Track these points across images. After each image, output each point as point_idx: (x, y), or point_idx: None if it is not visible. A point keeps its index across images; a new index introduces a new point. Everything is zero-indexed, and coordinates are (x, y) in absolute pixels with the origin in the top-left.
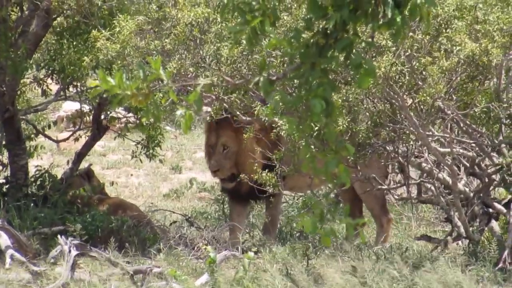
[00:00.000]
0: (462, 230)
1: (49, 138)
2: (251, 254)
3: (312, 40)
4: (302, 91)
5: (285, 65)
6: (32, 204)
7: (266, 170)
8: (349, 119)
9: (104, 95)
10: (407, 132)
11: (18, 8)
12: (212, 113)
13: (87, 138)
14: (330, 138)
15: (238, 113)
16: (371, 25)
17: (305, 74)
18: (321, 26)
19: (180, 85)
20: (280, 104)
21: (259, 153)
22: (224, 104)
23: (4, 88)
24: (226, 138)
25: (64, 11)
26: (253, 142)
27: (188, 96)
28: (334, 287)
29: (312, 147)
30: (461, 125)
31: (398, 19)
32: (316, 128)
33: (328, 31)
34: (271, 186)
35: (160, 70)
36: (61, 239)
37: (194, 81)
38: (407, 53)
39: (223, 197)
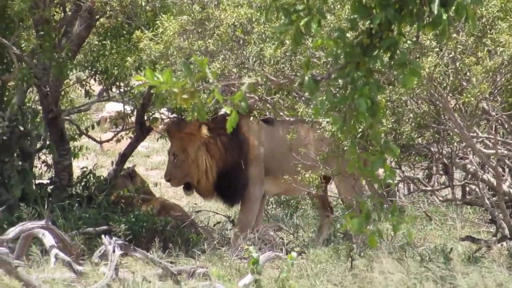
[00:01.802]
0: (506, 231)
1: (93, 139)
2: (294, 254)
3: (356, 40)
4: (347, 91)
5: (329, 66)
6: (76, 205)
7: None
8: (393, 120)
9: (152, 91)
10: (451, 133)
11: (61, 8)
12: (256, 113)
13: (129, 139)
14: (375, 139)
15: (281, 113)
16: (416, 25)
17: (350, 74)
18: (365, 25)
19: (225, 83)
20: (326, 104)
21: (210, 160)
22: (268, 105)
23: (48, 89)
24: (175, 147)
25: (107, 12)
26: (199, 150)
27: (233, 96)
28: (377, 287)
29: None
30: (506, 126)
31: (444, 17)
32: (360, 129)
33: (373, 31)
34: (314, 187)
35: (206, 69)
36: (105, 239)
37: (238, 80)
38: (451, 55)
39: (267, 198)
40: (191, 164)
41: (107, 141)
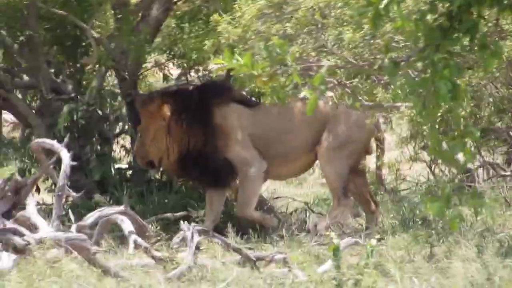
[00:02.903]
0: None
1: None
2: (373, 241)
3: (436, 23)
4: (427, 74)
5: (407, 49)
6: (155, 190)
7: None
8: (472, 104)
9: (231, 73)
10: None
11: None
12: (334, 98)
13: None
14: (455, 122)
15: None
16: (495, 8)
17: (430, 56)
18: (445, 8)
19: (304, 66)
20: (405, 87)
21: (170, 141)
22: (347, 89)
23: (126, 73)
24: (141, 125)
25: None
26: (159, 130)
27: (312, 79)
28: (457, 275)
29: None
30: None
31: None
32: (440, 113)
33: (453, 13)
34: None
35: (286, 52)
36: (183, 224)
37: (317, 63)
38: None
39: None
40: (151, 143)
41: None
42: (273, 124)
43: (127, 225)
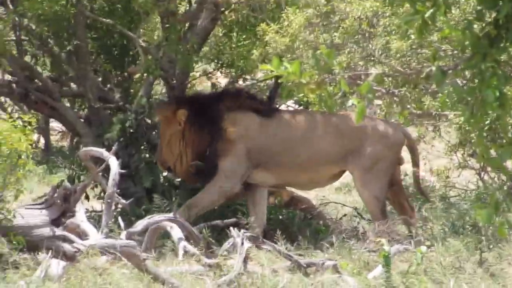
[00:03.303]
0: None
1: None
2: (423, 248)
3: (483, 31)
4: (474, 82)
5: (454, 58)
6: None
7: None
8: None
9: (279, 81)
10: None
11: (186, 1)
12: (383, 106)
13: None
14: (503, 130)
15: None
16: None
17: (477, 65)
18: (492, 17)
19: (352, 74)
20: (453, 95)
21: (184, 146)
22: (395, 98)
23: (174, 81)
24: (159, 132)
25: (232, 5)
26: (174, 135)
27: (360, 87)
28: (507, 280)
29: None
30: None
31: None
32: (488, 120)
33: (500, 22)
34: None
35: (333, 60)
36: (233, 231)
37: (365, 72)
38: None
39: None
40: (166, 148)
41: None
42: (286, 134)
43: (176, 232)
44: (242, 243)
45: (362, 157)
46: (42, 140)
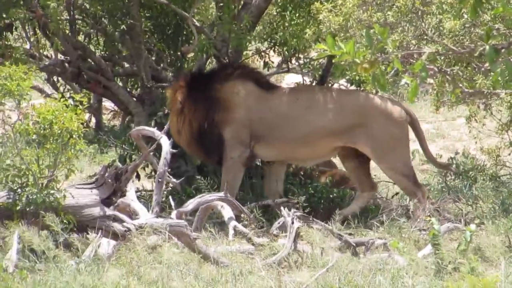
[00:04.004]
0: None
1: None
2: (473, 227)
3: None
4: None
5: (507, 37)
6: (255, 176)
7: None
8: None
9: (332, 61)
10: None
11: None
12: (434, 85)
13: None
14: None
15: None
16: None
17: None
18: None
19: (405, 52)
20: (505, 74)
21: (182, 122)
22: (447, 76)
23: (227, 60)
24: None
25: None
26: (174, 111)
27: (413, 66)
28: None
29: None
30: None
31: None
32: None
33: None
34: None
35: (387, 39)
36: (284, 211)
37: (418, 51)
38: None
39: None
40: (170, 125)
41: None
42: (285, 108)
43: (227, 212)
44: (292, 222)
45: (371, 137)
46: (94, 120)
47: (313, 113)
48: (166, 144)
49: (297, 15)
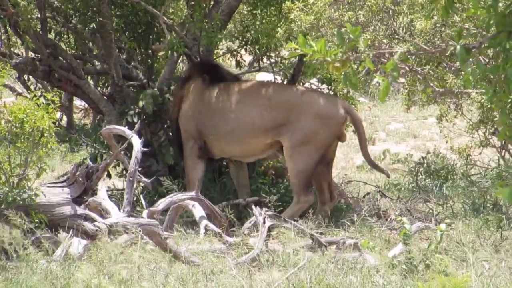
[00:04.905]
0: None
1: None
2: (443, 226)
3: (509, 9)
4: (498, 60)
5: (478, 38)
6: (226, 176)
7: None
8: None
9: (304, 59)
10: None
11: None
12: (406, 84)
13: None
14: None
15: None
16: None
17: (502, 43)
18: None
19: (377, 52)
20: (477, 73)
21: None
22: (418, 76)
23: (198, 59)
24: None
25: None
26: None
27: (385, 65)
28: None
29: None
30: None
31: None
32: (511, 99)
33: None
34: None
35: (359, 38)
36: (255, 209)
37: (390, 50)
38: None
39: (416, 169)
40: None
41: None
42: (219, 103)
43: (198, 211)
44: (264, 222)
45: (294, 130)
46: (65, 118)
47: (241, 108)
48: (137, 143)
49: (268, 13)
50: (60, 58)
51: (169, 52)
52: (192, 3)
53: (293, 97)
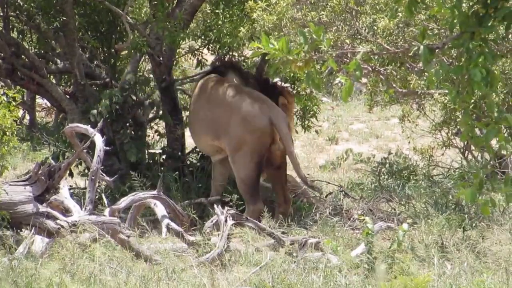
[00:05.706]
0: None
1: None
2: (405, 226)
3: (472, 10)
4: (461, 61)
5: (441, 38)
6: (188, 175)
7: None
8: (505, 91)
9: (266, 58)
10: None
11: None
12: (369, 84)
13: None
14: (490, 108)
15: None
16: None
17: (465, 44)
18: None
19: (339, 52)
20: (440, 73)
21: None
22: (381, 76)
23: (161, 58)
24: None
25: None
26: None
27: (347, 65)
28: (490, 258)
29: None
30: None
31: None
32: (474, 99)
33: (488, 1)
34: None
35: (322, 37)
36: (217, 209)
37: (353, 50)
38: None
39: (379, 168)
40: None
41: None
42: (194, 103)
43: (160, 210)
44: (226, 221)
45: (228, 136)
46: (28, 117)
47: (193, 110)
48: (99, 141)
49: (230, 12)
50: (22, 56)
51: (132, 51)
52: (155, 2)
53: (228, 97)
